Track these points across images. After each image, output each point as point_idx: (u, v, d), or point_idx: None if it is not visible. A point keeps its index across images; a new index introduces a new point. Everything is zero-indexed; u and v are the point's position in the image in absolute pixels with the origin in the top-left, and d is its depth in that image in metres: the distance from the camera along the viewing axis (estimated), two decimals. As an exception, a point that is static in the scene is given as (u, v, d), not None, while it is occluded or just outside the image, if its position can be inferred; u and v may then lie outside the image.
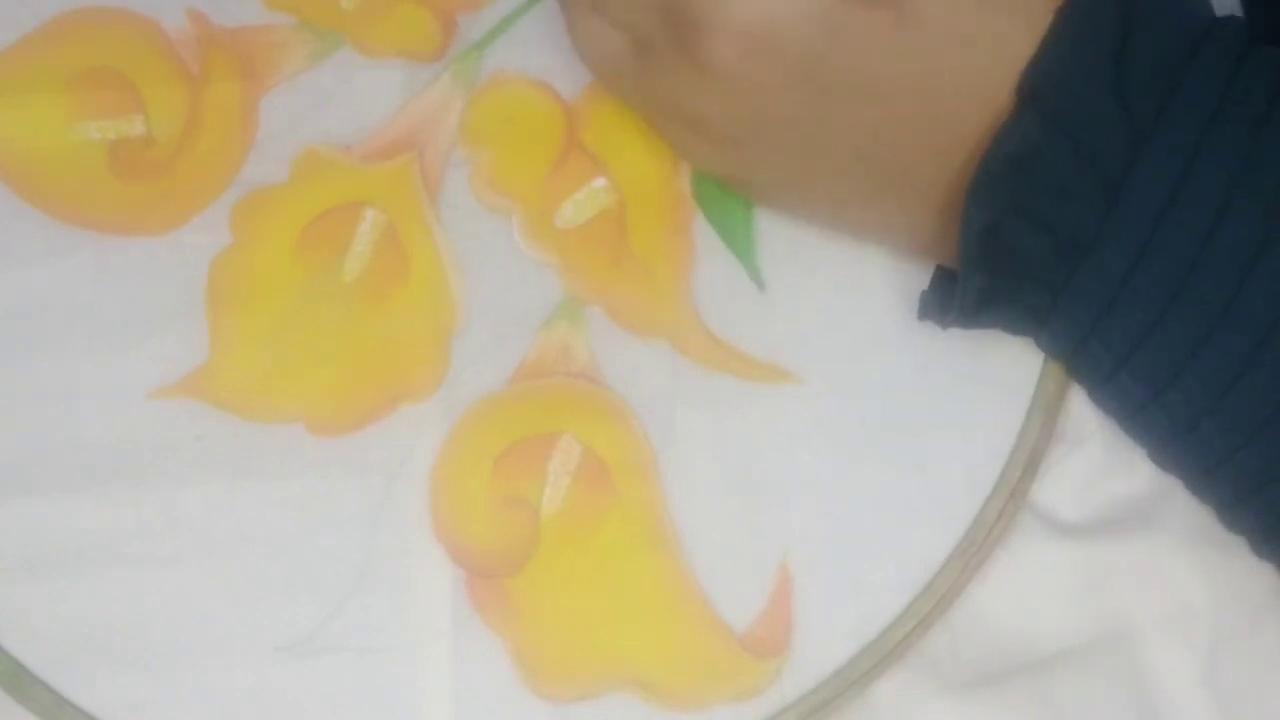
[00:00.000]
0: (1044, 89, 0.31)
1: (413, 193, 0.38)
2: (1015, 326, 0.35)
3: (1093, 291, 0.32)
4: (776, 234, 0.37)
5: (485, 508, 0.36)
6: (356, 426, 0.36)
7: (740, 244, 0.38)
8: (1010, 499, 0.36)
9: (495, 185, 0.38)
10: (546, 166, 0.38)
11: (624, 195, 0.38)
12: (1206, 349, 0.31)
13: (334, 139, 0.38)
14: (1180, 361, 0.31)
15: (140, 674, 0.34)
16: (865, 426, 0.36)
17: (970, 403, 0.37)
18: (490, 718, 0.35)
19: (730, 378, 0.37)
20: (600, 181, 0.38)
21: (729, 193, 0.37)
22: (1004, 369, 0.37)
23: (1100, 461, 0.36)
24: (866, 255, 0.37)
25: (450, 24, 0.39)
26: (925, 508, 0.36)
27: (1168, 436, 0.33)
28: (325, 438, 0.36)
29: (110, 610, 0.35)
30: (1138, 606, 0.36)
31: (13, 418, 0.36)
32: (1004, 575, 0.35)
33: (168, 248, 0.37)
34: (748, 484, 0.36)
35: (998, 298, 0.33)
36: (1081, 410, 0.36)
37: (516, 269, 0.37)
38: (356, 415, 0.36)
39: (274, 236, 0.37)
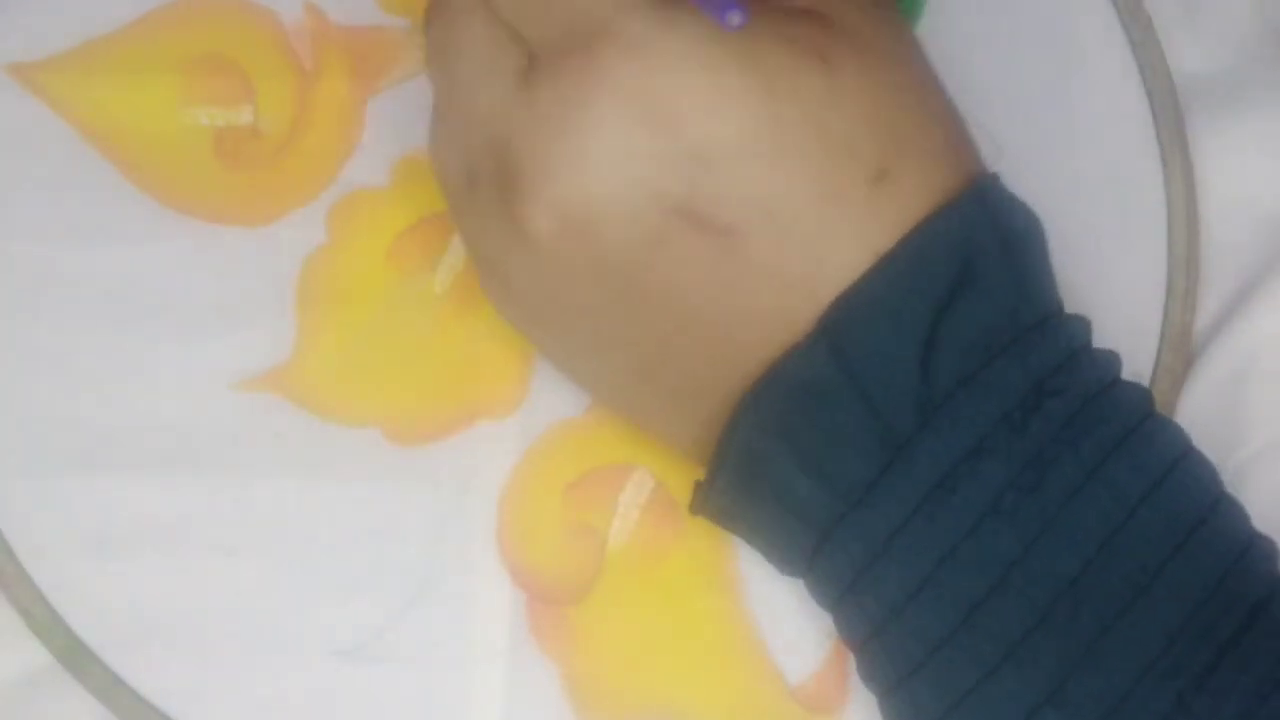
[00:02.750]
0: (842, 327, 0.29)
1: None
2: (777, 557, 0.32)
3: (855, 548, 0.30)
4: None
5: (553, 533, 0.36)
6: (433, 438, 0.36)
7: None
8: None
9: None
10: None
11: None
12: (953, 641, 0.29)
13: (437, 147, 0.38)
14: (927, 652, 0.29)
15: (196, 663, 0.35)
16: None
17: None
18: (538, 743, 0.35)
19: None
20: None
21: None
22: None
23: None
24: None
25: (563, 40, 0.39)
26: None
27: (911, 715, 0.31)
28: (401, 446, 0.36)
29: (173, 596, 0.35)
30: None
31: (96, 394, 0.36)
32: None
33: (263, 241, 0.37)
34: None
35: (751, 519, 0.32)
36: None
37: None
38: (434, 426, 0.36)
39: (368, 240, 0.37)
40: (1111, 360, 0.31)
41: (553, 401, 0.36)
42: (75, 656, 0.34)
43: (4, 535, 0.35)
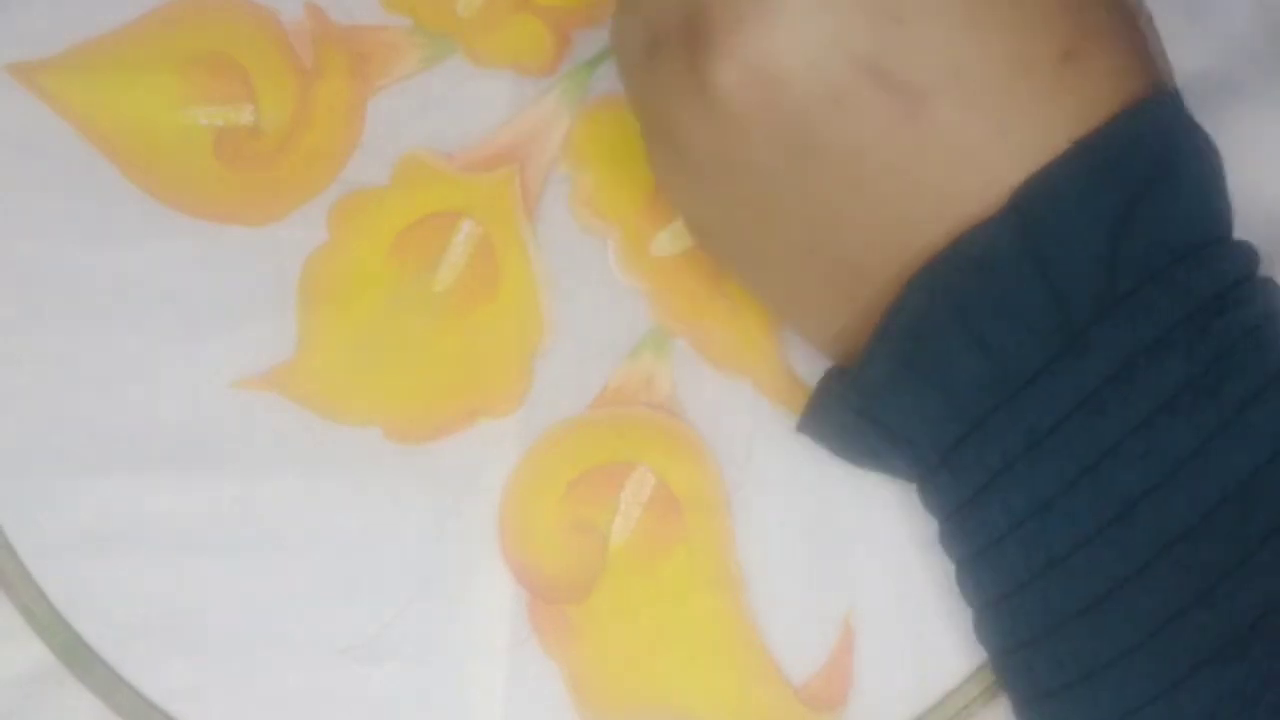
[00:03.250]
0: (1035, 202, 0.29)
1: (511, 207, 0.37)
2: (906, 444, 0.32)
3: (1012, 436, 0.29)
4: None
5: (554, 531, 0.36)
6: (433, 436, 0.36)
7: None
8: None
9: (594, 206, 0.38)
10: (647, 192, 0.38)
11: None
12: (1100, 540, 0.29)
13: (437, 146, 0.38)
14: (1072, 545, 0.29)
15: (198, 662, 0.35)
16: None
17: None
18: (539, 741, 0.35)
19: (811, 423, 0.36)
20: (699, 212, 0.38)
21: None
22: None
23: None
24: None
25: (564, 39, 0.39)
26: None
27: (1030, 636, 0.30)
28: (402, 444, 0.36)
29: (175, 595, 0.35)
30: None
31: (94, 394, 0.36)
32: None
33: (263, 240, 0.37)
34: (818, 533, 0.36)
35: (901, 393, 0.31)
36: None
37: (607, 293, 0.37)
38: (435, 425, 0.36)
39: (370, 239, 0.37)
40: None
41: (554, 400, 0.36)
42: (76, 655, 0.34)
43: (5, 534, 0.35)
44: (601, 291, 0.37)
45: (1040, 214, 0.29)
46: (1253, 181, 0.39)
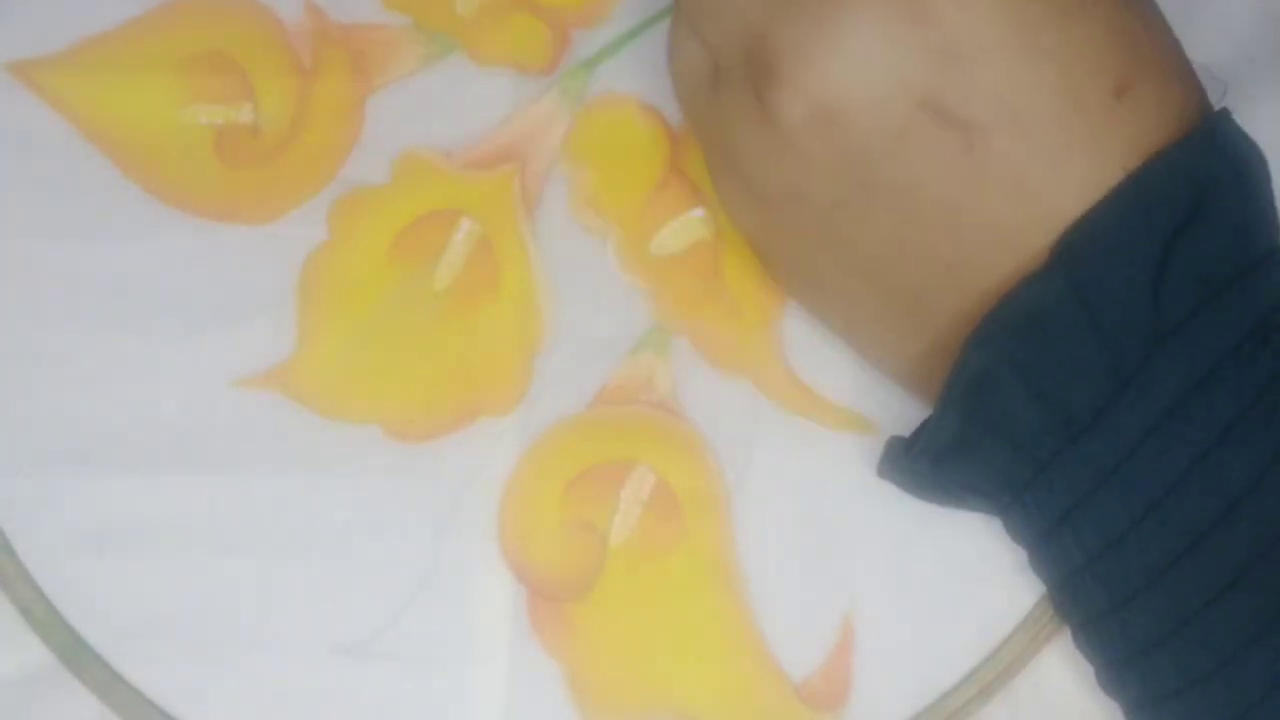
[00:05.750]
0: (1079, 253, 0.30)
1: (510, 206, 0.37)
2: (981, 491, 0.32)
3: (1077, 476, 0.30)
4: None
5: (554, 529, 0.36)
6: (433, 435, 0.36)
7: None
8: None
9: (594, 205, 0.38)
10: (646, 191, 0.38)
11: (721, 228, 0.37)
12: (1177, 569, 0.30)
13: (437, 144, 0.38)
14: (1147, 578, 0.30)
15: (197, 660, 0.35)
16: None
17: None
18: (540, 740, 0.35)
19: (810, 422, 0.36)
20: (698, 211, 0.38)
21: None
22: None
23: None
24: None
25: (564, 39, 0.39)
26: (998, 572, 0.35)
27: (1118, 658, 0.32)
28: (401, 443, 0.36)
29: (173, 594, 0.35)
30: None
31: (94, 393, 0.36)
32: (1074, 649, 0.35)
33: (263, 239, 0.37)
34: (818, 531, 0.36)
35: (969, 451, 0.32)
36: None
37: (607, 292, 0.37)
38: (434, 423, 0.36)
39: (369, 237, 0.37)
40: None
41: (554, 398, 0.36)
42: (75, 654, 0.34)
43: (4, 533, 0.35)
44: (601, 290, 0.37)
45: (1086, 262, 0.30)
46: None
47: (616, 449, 0.36)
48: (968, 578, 0.35)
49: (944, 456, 0.32)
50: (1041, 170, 0.30)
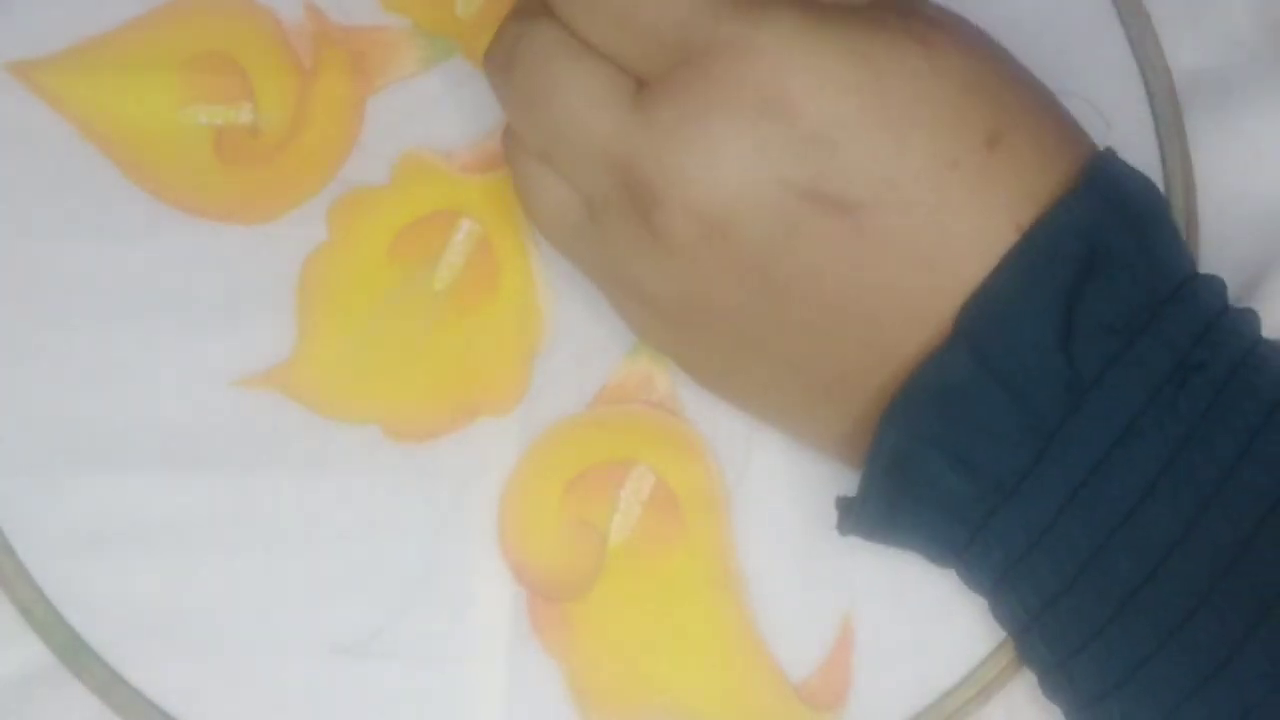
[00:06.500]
0: (980, 326, 0.30)
1: (510, 206, 0.37)
2: (929, 553, 0.33)
3: (1012, 539, 0.30)
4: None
5: (554, 529, 0.36)
6: (433, 434, 0.36)
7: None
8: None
9: (593, 206, 0.38)
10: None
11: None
12: (1113, 626, 0.30)
13: (437, 145, 0.38)
14: (1084, 637, 0.30)
15: (196, 660, 0.35)
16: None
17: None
18: (540, 740, 0.35)
19: (810, 422, 0.36)
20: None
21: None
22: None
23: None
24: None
25: (563, 40, 0.39)
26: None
27: (1073, 706, 0.32)
28: (401, 443, 0.36)
29: (173, 593, 0.35)
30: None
31: (94, 393, 0.36)
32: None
33: (263, 239, 0.37)
34: (817, 531, 0.36)
35: (904, 520, 0.32)
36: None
37: (606, 293, 0.37)
38: (434, 423, 0.36)
39: (369, 238, 0.37)
40: (1250, 321, 0.31)
41: (553, 398, 0.36)
42: (75, 654, 0.34)
43: (4, 532, 0.35)
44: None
45: (987, 332, 0.30)
46: (1252, 181, 0.39)
47: (616, 449, 0.36)
48: (967, 578, 0.35)
49: (878, 527, 0.32)
50: (932, 237, 0.30)
